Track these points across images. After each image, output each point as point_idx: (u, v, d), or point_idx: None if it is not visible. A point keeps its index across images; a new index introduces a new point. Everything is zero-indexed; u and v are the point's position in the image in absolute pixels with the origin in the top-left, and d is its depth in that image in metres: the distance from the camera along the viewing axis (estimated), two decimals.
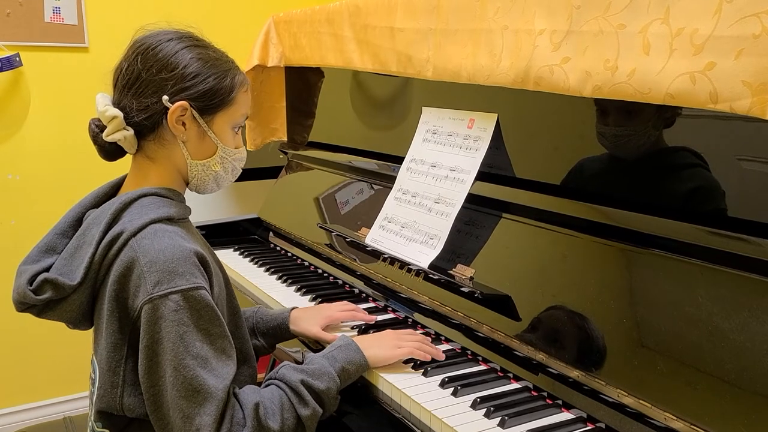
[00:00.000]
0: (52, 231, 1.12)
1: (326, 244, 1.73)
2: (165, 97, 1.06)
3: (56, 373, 2.51)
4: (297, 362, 1.33)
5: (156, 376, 0.99)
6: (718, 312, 0.91)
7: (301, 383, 1.06)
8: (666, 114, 1.02)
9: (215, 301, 1.05)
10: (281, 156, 2.25)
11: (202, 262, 1.04)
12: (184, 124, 1.08)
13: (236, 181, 1.20)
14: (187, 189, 1.18)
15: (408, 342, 1.19)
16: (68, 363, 2.47)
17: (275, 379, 1.09)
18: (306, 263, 1.82)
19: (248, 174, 2.46)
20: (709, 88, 0.86)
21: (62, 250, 1.09)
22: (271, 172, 2.28)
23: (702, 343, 0.91)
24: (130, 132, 1.08)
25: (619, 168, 1.11)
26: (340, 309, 1.37)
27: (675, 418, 0.89)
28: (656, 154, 1.05)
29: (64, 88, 2.39)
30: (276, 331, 1.34)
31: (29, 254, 1.10)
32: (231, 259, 1.91)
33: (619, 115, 1.09)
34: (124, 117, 1.08)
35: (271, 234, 2.08)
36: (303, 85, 2.08)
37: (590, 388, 1.01)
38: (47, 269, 1.07)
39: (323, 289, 1.61)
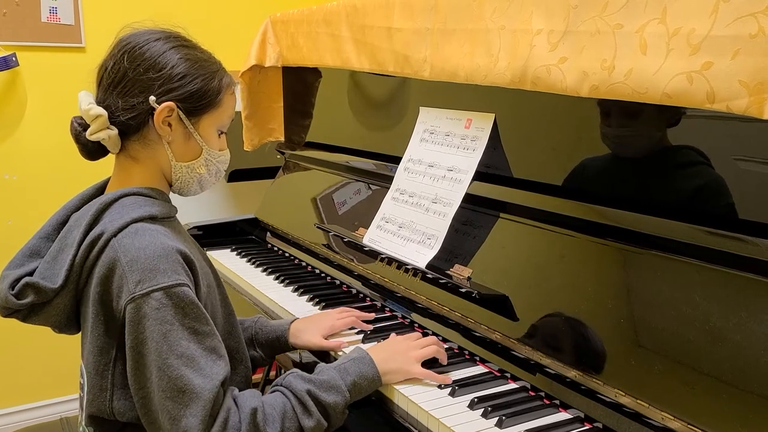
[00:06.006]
0: (36, 235, 1.10)
1: (324, 245, 1.73)
2: (152, 98, 1.04)
3: (53, 374, 2.51)
4: (295, 363, 1.31)
5: (143, 378, 0.97)
6: (715, 312, 0.91)
7: (307, 393, 1.02)
8: (667, 113, 1.02)
9: (203, 301, 1.03)
10: (278, 156, 2.25)
11: (186, 260, 1.01)
12: (170, 125, 1.07)
13: (234, 181, 1.19)
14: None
15: (424, 351, 1.15)
16: (65, 364, 2.46)
17: (281, 386, 1.05)
18: (303, 263, 1.82)
19: (245, 174, 2.47)
20: (706, 88, 0.86)
21: (46, 254, 1.07)
22: (269, 173, 2.28)
23: (700, 343, 0.91)
24: (114, 131, 1.06)
25: (619, 167, 1.11)
26: (339, 317, 1.33)
27: (672, 417, 0.89)
28: (657, 153, 1.05)
29: (61, 88, 2.39)
30: (275, 344, 1.30)
31: (13, 258, 1.08)
32: (228, 260, 1.90)
33: (618, 114, 1.09)
34: (109, 116, 1.05)
35: (268, 234, 2.07)
36: (300, 85, 2.08)
37: (588, 388, 1.01)
38: (30, 273, 1.05)
39: (321, 290, 1.61)
